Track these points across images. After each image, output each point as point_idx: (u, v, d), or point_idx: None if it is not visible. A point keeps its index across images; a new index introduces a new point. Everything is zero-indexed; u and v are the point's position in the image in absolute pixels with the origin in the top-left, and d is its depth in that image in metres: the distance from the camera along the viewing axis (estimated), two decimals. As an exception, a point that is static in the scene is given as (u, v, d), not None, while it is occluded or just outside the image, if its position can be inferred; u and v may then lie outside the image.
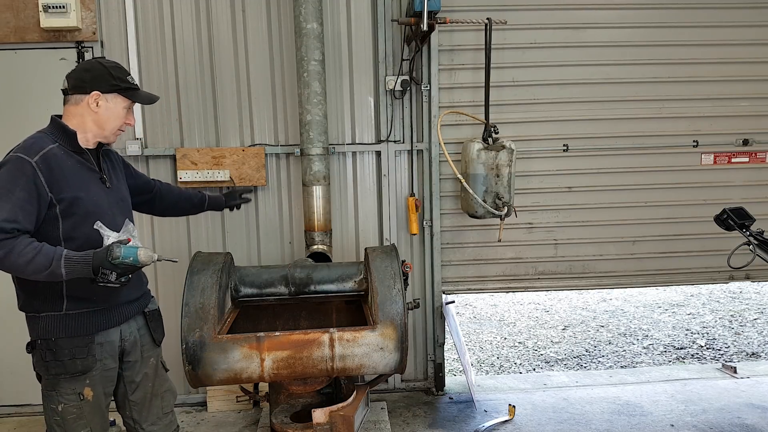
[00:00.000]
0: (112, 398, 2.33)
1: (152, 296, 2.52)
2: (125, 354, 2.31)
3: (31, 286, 2.10)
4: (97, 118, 2.17)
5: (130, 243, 2.04)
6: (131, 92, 2.24)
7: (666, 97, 4.04)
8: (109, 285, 2.01)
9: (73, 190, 2.09)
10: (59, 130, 2.15)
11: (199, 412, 3.89)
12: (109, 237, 2.05)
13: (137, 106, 3.71)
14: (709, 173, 4.13)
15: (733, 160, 4.13)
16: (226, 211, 3.83)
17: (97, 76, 2.17)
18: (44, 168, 2.03)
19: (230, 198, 3.08)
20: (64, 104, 2.21)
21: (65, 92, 2.20)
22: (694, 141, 4.07)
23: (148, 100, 2.34)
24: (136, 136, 3.78)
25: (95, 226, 2.05)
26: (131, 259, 1.99)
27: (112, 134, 2.24)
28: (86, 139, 2.20)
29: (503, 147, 3.49)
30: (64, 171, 2.09)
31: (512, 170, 3.53)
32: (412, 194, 3.99)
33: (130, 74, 2.26)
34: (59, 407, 2.14)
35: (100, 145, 2.27)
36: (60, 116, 2.19)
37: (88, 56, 3.69)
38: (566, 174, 4.05)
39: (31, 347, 2.19)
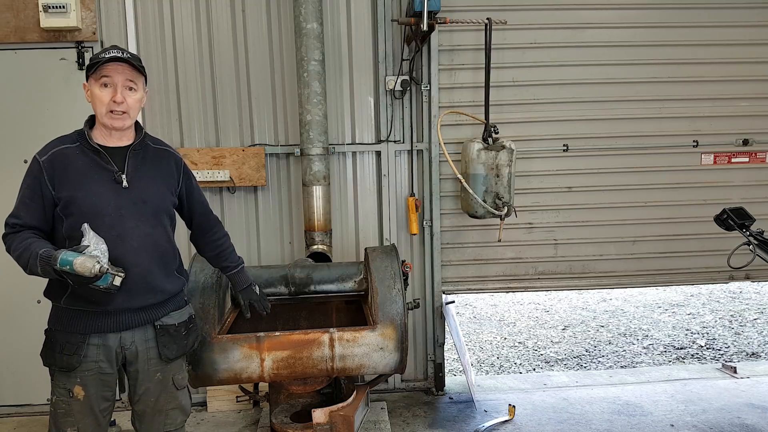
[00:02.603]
0: (110, 402, 2.26)
1: (178, 309, 2.32)
2: (128, 363, 2.23)
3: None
4: (92, 107, 2.17)
5: (89, 249, 1.96)
6: (90, 67, 2.11)
7: (666, 97, 4.04)
8: (100, 288, 1.97)
9: (70, 189, 2.09)
10: (80, 130, 2.19)
11: (199, 412, 3.88)
12: (83, 241, 1.99)
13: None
14: (709, 173, 4.13)
15: (733, 160, 4.12)
16: (226, 210, 3.89)
17: None
18: (49, 167, 2.09)
19: (247, 294, 2.68)
20: None
21: None
22: (694, 141, 4.06)
23: (95, 59, 2.09)
24: (136, 136, 3.78)
25: (81, 228, 2.02)
26: (68, 267, 1.90)
27: (105, 118, 2.12)
28: (104, 135, 2.18)
29: (503, 147, 3.49)
30: (67, 170, 2.10)
31: (512, 170, 3.52)
32: (412, 194, 3.99)
33: (109, 50, 2.11)
34: (53, 398, 2.18)
35: (138, 140, 2.23)
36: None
37: (87, 56, 3.70)
38: (566, 174, 4.05)
39: (45, 333, 2.22)
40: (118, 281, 1.99)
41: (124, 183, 2.15)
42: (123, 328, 2.17)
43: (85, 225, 2.01)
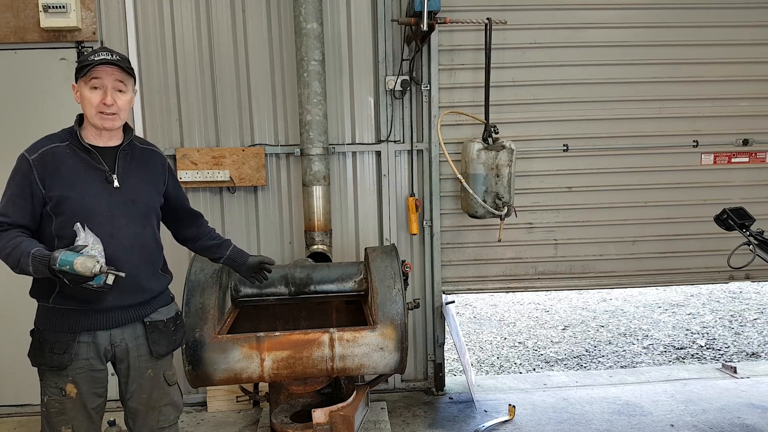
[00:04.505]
0: (102, 399, 2.25)
1: (165, 305, 2.35)
2: (118, 360, 2.25)
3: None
4: (82, 108, 2.16)
5: (86, 249, 1.95)
6: (80, 69, 2.11)
7: (666, 97, 4.04)
8: (93, 287, 1.96)
9: (63, 188, 2.08)
10: (69, 129, 2.19)
11: (199, 412, 3.89)
12: (78, 240, 1.99)
13: (137, 102, 3.73)
14: (709, 173, 4.13)
15: (733, 160, 4.12)
16: (226, 210, 3.89)
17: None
18: (39, 165, 2.08)
19: (251, 270, 2.67)
20: None
21: None
22: (694, 141, 4.06)
23: (85, 61, 2.08)
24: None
25: (74, 227, 2.02)
26: (68, 267, 1.89)
27: (95, 118, 2.12)
28: (94, 135, 2.18)
29: (503, 147, 3.49)
30: (59, 169, 2.09)
31: (512, 170, 3.53)
32: (412, 194, 3.99)
33: (99, 52, 2.10)
34: (44, 398, 2.17)
35: (127, 141, 2.23)
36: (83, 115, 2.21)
37: (88, 56, 3.70)
38: (566, 174, 4.05)
39: (31, 333, 2.21)
40: (110, 280, 1.98)
41: (116, 183, 2.17)
42: (113, 325, 2.19)
43: (78, 224, 2.02)
